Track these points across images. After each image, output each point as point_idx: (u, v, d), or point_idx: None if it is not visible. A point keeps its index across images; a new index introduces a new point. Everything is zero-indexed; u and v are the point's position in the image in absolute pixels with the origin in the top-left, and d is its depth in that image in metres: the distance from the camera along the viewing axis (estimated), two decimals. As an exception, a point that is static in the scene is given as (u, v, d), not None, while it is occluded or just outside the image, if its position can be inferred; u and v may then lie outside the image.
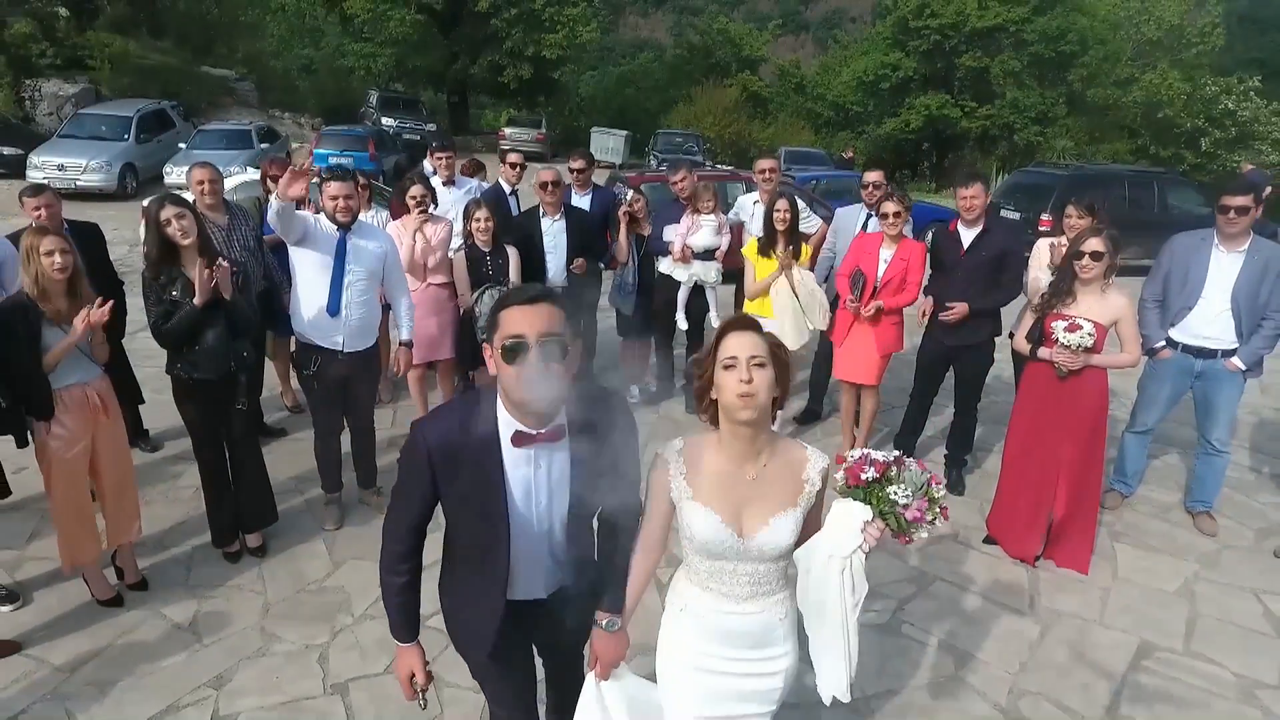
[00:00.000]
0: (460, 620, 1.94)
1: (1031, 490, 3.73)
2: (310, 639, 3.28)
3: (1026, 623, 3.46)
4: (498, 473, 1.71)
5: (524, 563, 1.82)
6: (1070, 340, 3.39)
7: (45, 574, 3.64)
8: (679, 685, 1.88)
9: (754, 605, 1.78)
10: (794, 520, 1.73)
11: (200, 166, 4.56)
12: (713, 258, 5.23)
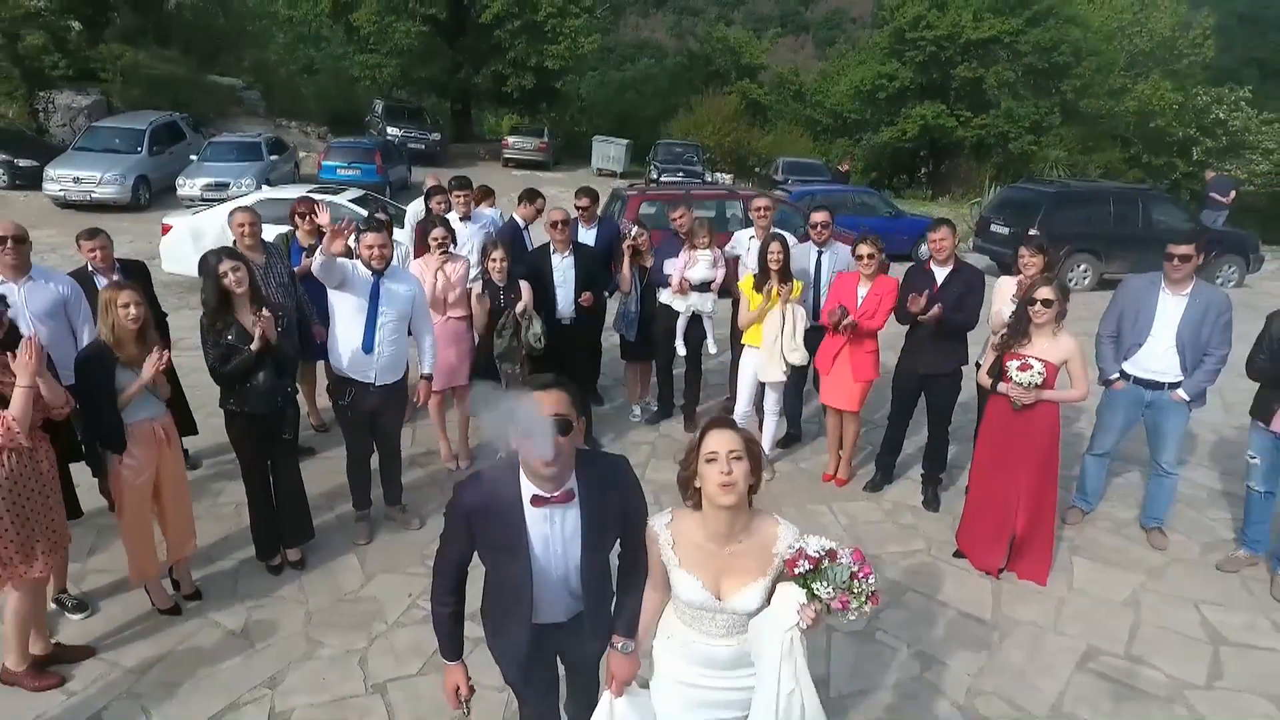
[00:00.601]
0: (497, 638, 2.36)
1: (994, 510, 4.14)
2: (350, 644, 3.70)
3: (987, 629, 3.88)
4: (520, 529, 2.11)
5: (545, 596, 2.23)
6: (1022, 379, 3.81)
7: (108, 585, 4.05)
8: (667, 696, 2.29)
9: (728, 640, 2.17)
10: (763, 587, 2.09)
11: (241, 211, 4.98)
12: (709, 289, 5.64)
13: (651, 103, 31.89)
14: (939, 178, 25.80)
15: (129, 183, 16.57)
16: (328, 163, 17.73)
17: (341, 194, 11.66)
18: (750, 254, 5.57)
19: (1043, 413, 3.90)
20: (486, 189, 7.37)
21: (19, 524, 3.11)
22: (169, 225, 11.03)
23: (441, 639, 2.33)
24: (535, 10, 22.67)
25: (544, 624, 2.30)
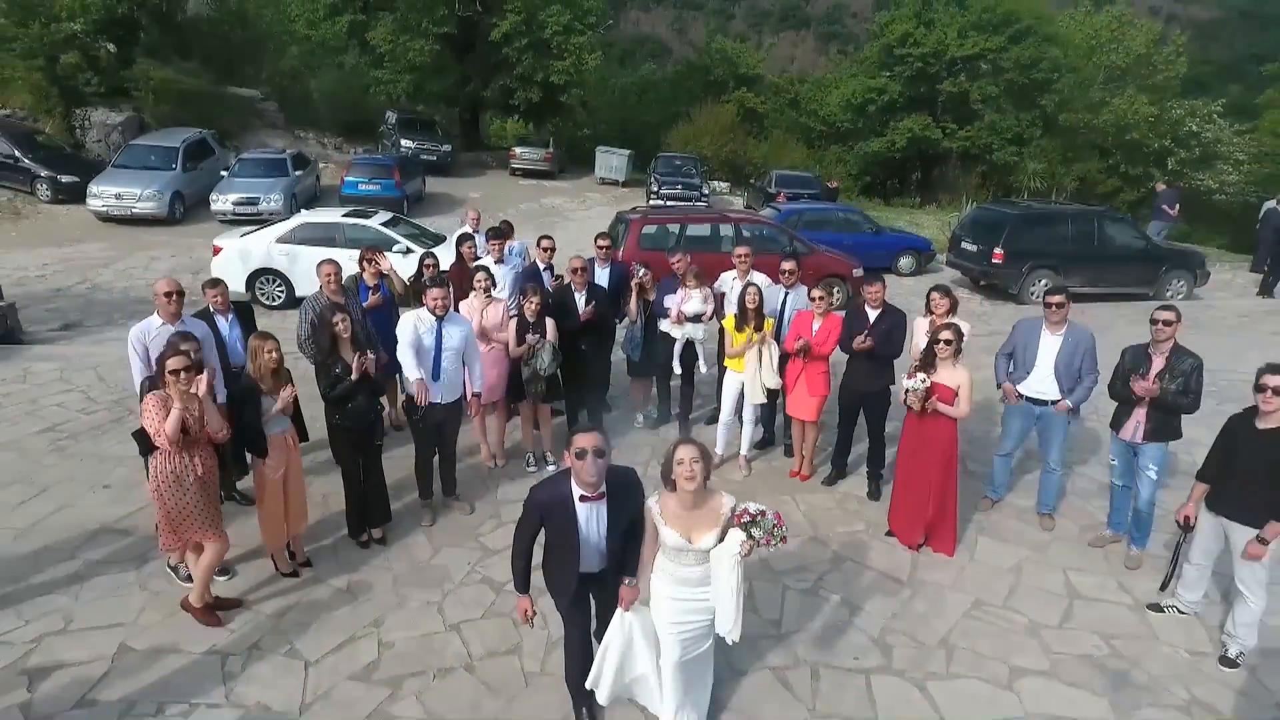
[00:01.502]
0: (554, 582, 3.69)
1: (912, 499, 5.43)
2: (428, 598, 5.00)
3: (902, 587, 5.17)
4: (573, 517, 3.45)
5: (585, 556, 3.56)
6: (907, 385, 5.09)
7: (240, 555, 5.33)
8: (659, 609, 3.59)
9: (696, 568, 3.48)
10: (716, 534, 3.42)
11: (327, 263, 6.21)
12: (700, 321, 6.91)
13: (653, 110, 33.06)
14: (927, 186, 27.05)
15: (166, 198, 17.81)
16: (350, 178, 18.90)
17: (373, 217, 12.95)
18: (733, 292, 6.82)
19: (942, 425, 5.17)
20: (509, 226, 8.53)
21: (208, 505, 4.42)
22: (219, 247, 12.32)
23: (517, 581, 3.66)
24: (542, 28, 23.84)
25: (584, 573, 3.61)
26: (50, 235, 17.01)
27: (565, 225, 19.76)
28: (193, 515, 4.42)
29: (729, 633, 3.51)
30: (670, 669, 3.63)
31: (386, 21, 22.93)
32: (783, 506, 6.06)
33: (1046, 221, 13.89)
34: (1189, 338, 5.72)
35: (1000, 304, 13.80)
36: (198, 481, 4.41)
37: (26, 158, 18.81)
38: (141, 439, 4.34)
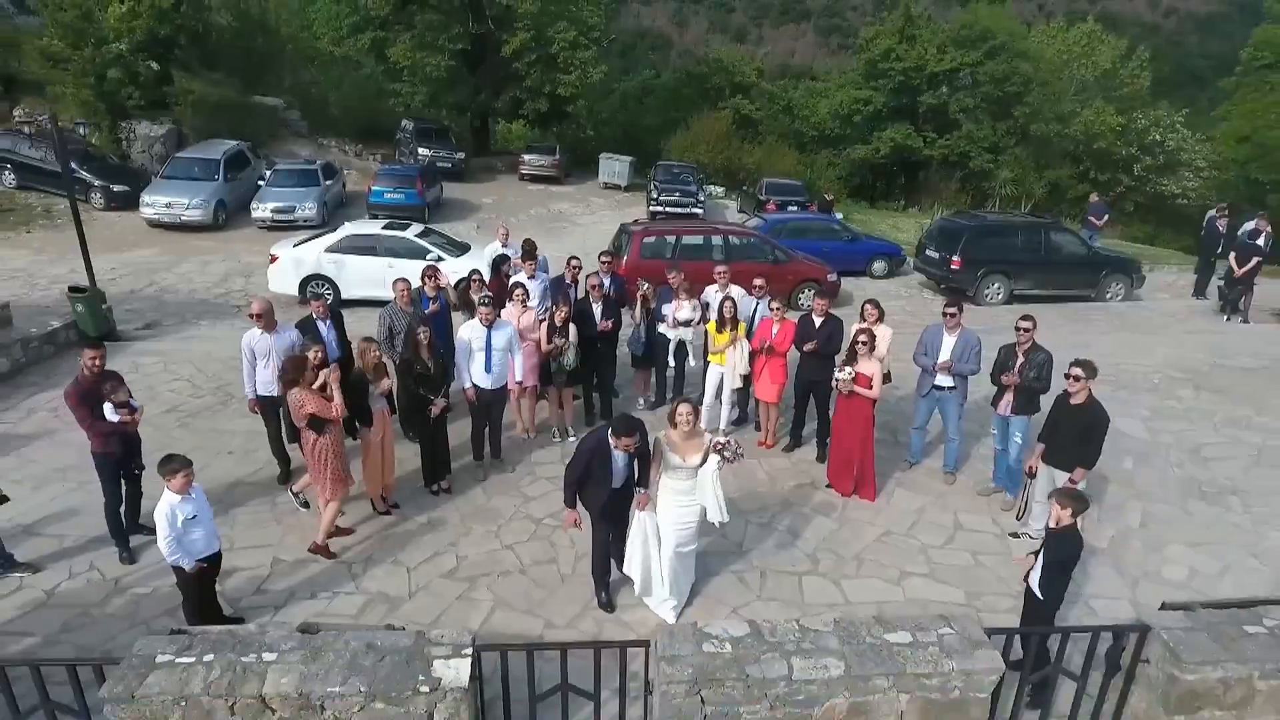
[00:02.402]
0: (590, 498, 5.56)
1: (843, 459, 7.30)
2: (488, 529, 6.88)
3: (834, 523, 7.04)
4: (609, 458, 5.37)
5: (615, 478, 5.45)
6: (838, 375, 6.95)
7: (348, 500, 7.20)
8: (662, 510, 5.48)
9: (686, 480, 5.36)
10: (700, 456, 5.31)
11: (401, 280, 8.06)
12: (689, 325, 8.75)
13: (653, 114, 34.75)
14: (910, 190, 28.84)
15: (211, 206, 19.64)
16: (376, 187, 20.62)
17: (408, 229, 14.78)
18: (714, 303, 8.65)
19: (862, 403, 7.03)
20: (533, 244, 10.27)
21: (339, 462, 6.29)
22: (276, 256, 14.15)
23: (567, 498, 5.58)
24: (550, 44, 25.58)
25: (613, 488, 5.49)
26: (108, 241, 18.77)
27: (572, 231, 21.54)
28: (342, 470, 6.30)
29: (719, 519, 5.41)
30: (668, 559, 5.51)
31: (406, 38, 24.64)
32: (750, 466, 7.95)
33: (999, 232, 15.72)
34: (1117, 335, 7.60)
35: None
36: (339, 446, 6.30)
37: (82, 169, 20.59)
38: (315, 423, 6.11)
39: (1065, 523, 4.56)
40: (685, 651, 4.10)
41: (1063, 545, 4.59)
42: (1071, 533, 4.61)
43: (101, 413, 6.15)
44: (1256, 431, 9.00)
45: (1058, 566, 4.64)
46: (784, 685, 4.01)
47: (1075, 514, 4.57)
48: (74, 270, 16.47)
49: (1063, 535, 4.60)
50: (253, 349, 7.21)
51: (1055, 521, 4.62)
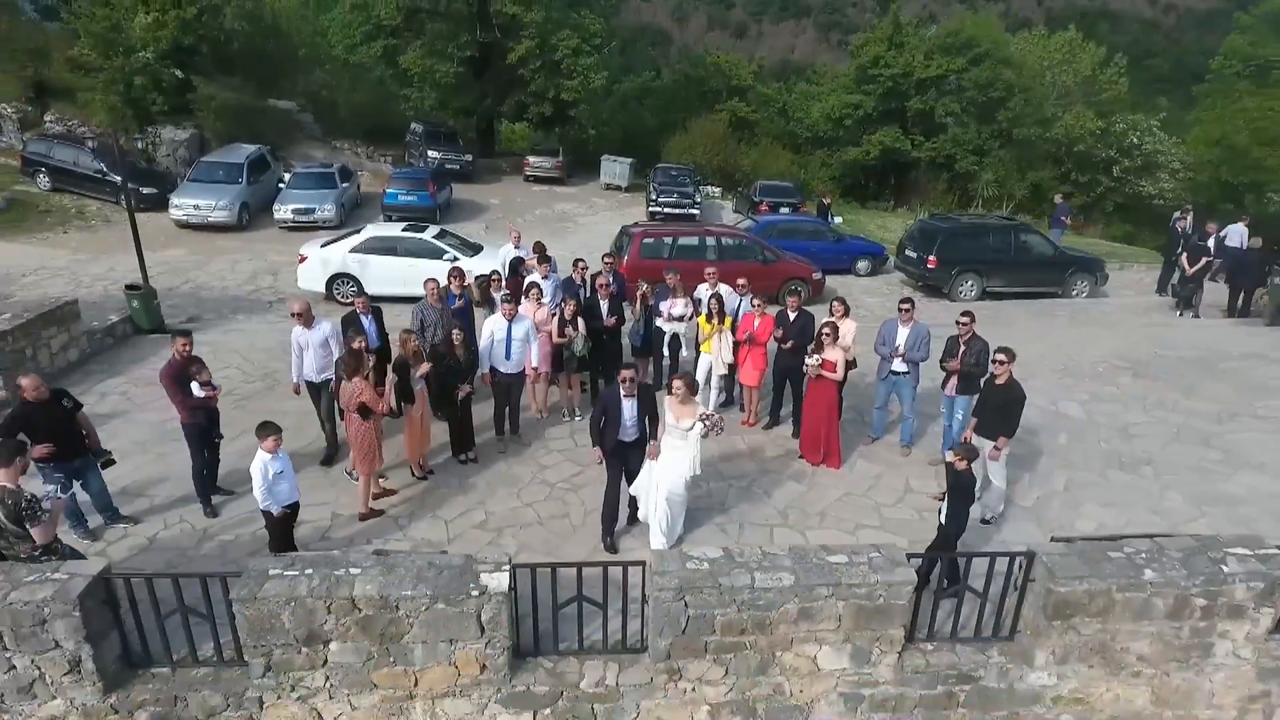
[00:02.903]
0: (606, 439, 6.86)
1: (811, 433, 8.55)
2: (510, 489, 8.13)
3: (803, 487, 8.29)
4: (618, 405, 6.69)
5: (624, 428, 6.77)
6: (808, 361, 8.19)
7: (389, 467, 8.45)
8: (662, 459, 6.76)
9: (680, 440, 6.64)
10: (691, 420, 6.59)
11: (430, 280, 9.28)
12: (683, 320, 9.99)
13: (652, 116, 35.90)
14: (900, 190, 30.04)
15: (235, 208, 20.83)
16: (391, 190, 21.78)
17: (425, 231, 16.00)
18: (704, 300, 9.88)
19: (828, 385, 8.27)
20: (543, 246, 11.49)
21: (376, 442, 7.53)
22: (304, 255, 15.35)
23: (593, 437, 6.93)
24: (553, 51, 26.75)
25: (621, 440, 6.79)
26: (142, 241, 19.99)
27: (575, 231, 22.73)
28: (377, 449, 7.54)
29: (693, 471, 6.77)
30: (664, 502, 6.76)
31: (416, 46, 25.80)
32: (732, 440, 9.20)
33: (972, 234, 16.94)
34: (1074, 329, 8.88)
35: (934, 300, 16.80)
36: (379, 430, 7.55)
37: (112, 172, 21.79)
38: (364, 410, 7.32)
39: (961, 467, 5.94)
40: (672, 568, 5.35)
41: (959, 478, 6.08)
42: (966, 471, 6.13)
43: (189, 390, 7.39)
44: (1180, 413, 10.24)
45: (957, 495, 6.08)
46: (748, 592, 5.26)
47: (967, 460, 6.13)
48: (112, 269, 17.75)
49: (959, 473, 6.03)
50: (297, 341, 8.43)
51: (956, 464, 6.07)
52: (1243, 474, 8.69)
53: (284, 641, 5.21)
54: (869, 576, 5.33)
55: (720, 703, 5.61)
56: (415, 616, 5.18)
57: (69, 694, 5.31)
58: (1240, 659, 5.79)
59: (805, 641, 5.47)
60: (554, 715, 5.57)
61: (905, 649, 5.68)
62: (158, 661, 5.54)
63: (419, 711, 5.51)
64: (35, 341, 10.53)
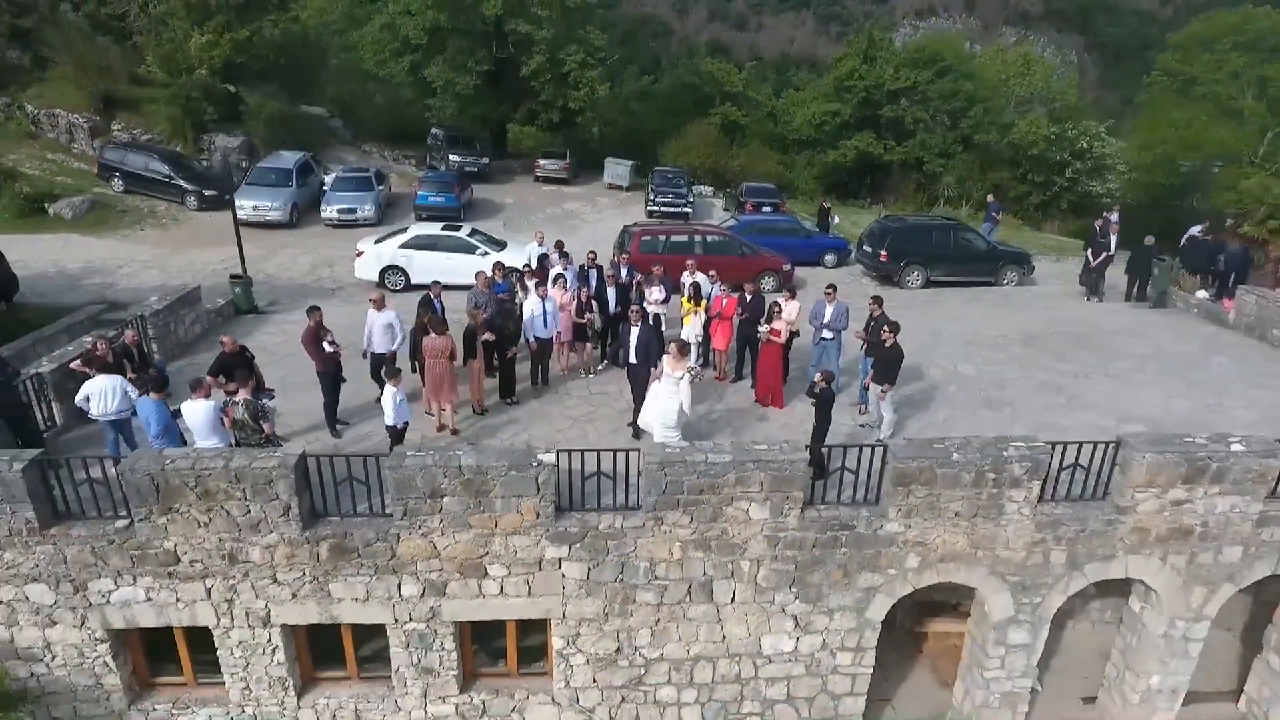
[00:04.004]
0: (620, 359, 10.35)
1: (764, 383, 11.78)
2: (544, 422, 11.37)
3: (757, 421, 11.53)
4: (627, 331, 10.37)
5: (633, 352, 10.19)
6: (760, 329, 11.42)
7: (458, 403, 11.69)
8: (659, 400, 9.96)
9: (670, 387, 9.81)
10: (682, 371, 9.76)
11: (481, 273, 12.48)
12: (662, 303, 13.16)
13: (651, 120, 38.95)
14: (875, 189, 33.16)
15: (288, 208, 24.01)
16: (421, 192, 24.90)
17: (461, 230, 19.18)
18: (686, 285, 13.08)
19: (774, 348, 11.48)
20: (560, 243, 14.69)
21: (453, 381, 10.77)
22: (361, 250, 18.53)
23: (612, 360, 10.54)
24: (561, 64, 29.81)
25: (629, 361, 10.11)
26: (206, 237, 23.17)
27: (582, 227, 25.89)
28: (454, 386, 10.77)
29: (686, 407, 9.86)
30: (660, 428, 9.92)
31: (439, 61, 28.85)
32: (706, 391, 12.43)
33: (918, 232, 20.12)
34: (992, 310, 12.08)
35: (888, 288, 19.96)
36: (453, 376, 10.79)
37: (178, 176, 24.98)
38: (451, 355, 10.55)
39: (820, 386, 9.24)
40: (656, 452, 8.58)
41: (822, 393, 9.65)
42: (825, 389, 9.67)
43: (322, 348, 10.61)
44: (1048, 372, 13.47)
45: (821, 404, 9.73)
46: (704, 466, 8.48)
47: (826, 381, 9.44)
48: (191, 262, 20.97)
49: (820, 390, 9.54)
50: (371, 321, 11.61)
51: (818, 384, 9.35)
52: (1077, 412, 11.92)
53: (416, 496, 8.42)
54: (779, 456, 8.56)
55: (687, 540, 8.84)
56: (497, 479, 8.39)
57: (280, 530, 8.54)
58: (1023, 515, 9.01)
59: (740, 500, 8.68)
60: (582, 548, 8.80)
61: (806, 507, 8.90)
62: (332, 512, 8.77)
63: (497, 544, 8.74)
64: (174, 318, 13.77)
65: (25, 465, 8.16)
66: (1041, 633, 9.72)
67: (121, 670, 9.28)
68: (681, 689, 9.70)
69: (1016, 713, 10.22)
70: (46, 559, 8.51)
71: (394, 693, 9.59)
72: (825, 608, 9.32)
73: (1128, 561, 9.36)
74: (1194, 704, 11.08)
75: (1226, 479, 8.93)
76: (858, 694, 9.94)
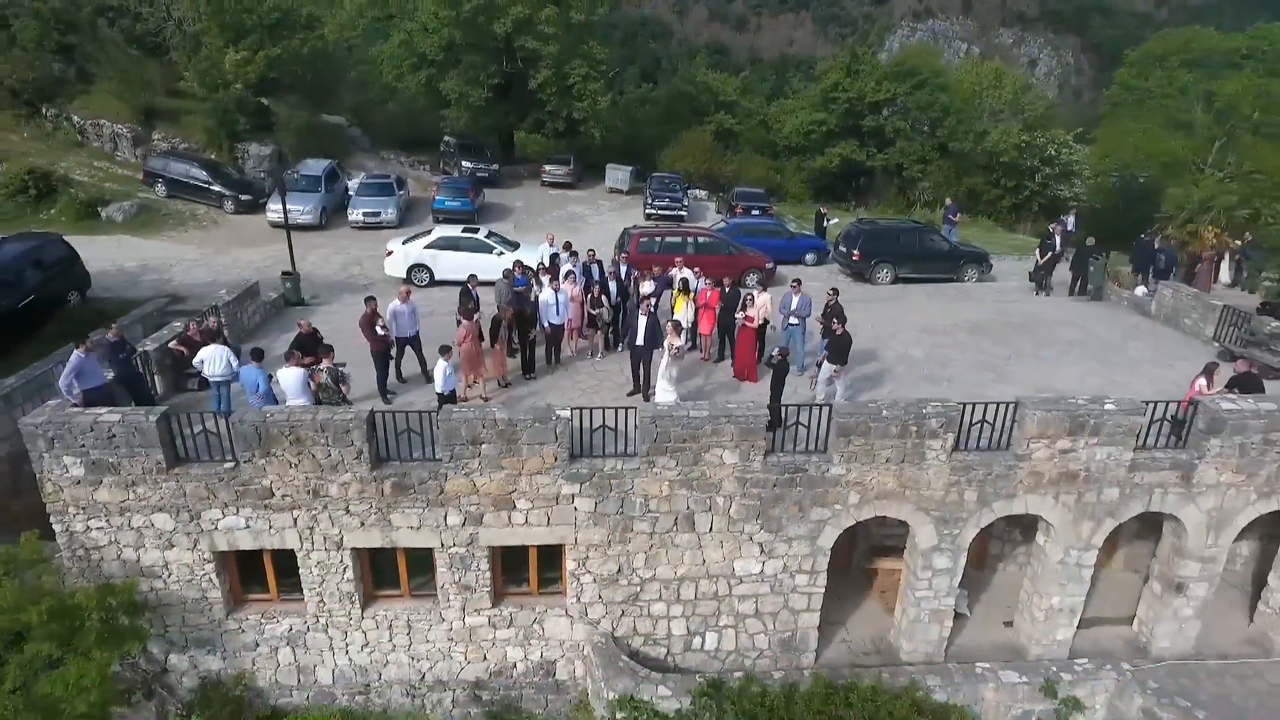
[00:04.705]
0: (629, 340, 12.65)
1: (740, 360, 14.12)
2: (559, 393, 13.73)
3: (733, 392, 13.86)
4: (635, 315, 12.65)
5: (638, 334, 12.55)
6: (737, 316, 13.76)
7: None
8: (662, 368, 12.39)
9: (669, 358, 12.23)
10: (677, 342, 12.21)
11: (505, 268, 14.82)
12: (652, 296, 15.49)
13: (650, 127, 41.26)
14: (859, 193, 35.48)
15: (318, 212, 26.33)
16: (439, 197, 27.19)
17: (479, 232, 21.50)
18: (677, 280, 15.41)
19: (748, 332, 13.80)
20: (569, 243, 17.03)
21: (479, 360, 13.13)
22: (391, 250, 20.86)
23: (622, 340, 12.82)
24: (566, 78, 32.13)
25: (635, 344, 12.49)
26: (245, 238, 25.50)
27: (586, 229, 28.17)
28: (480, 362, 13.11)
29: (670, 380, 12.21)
30: (660, 396, 12.28)
31: (453, 75, 31.17)
32: (694, 369, 14.77)
33: (887, 234, 22.44)
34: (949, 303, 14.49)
35: (860, 284, 22.24)
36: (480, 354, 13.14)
37: (216, 182, 27.32)
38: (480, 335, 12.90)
39: (778, 359, 11.60)
40: (649, 408, 10.93)
41: (778, 363, 11.79)
42: (780, 361, 11.89)
43: (376, 331, 12.95)
44: (986, 355, 15.79)
45: (777, 372, 11.91)
46: (687, 420, 10.81)
47: (781, 355, 11.69)
48: (235, 261, 23.29)
49: (777, 362, 11.74)
50: (394, 310, 13.90)
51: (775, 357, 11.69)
52: (1003, 386, 14.22)
53: (460, 443, 10.75)
54: (746, 413, 10.89)
55: (674, 480, 11.17)
56: (524, 430, 10.72)
57: (354, 470, 10.87)
58: (940, 461, 11.33)
59: (715, 447, 11.00)
60: (591, 486, 11.13)
61: (768, 454, 11.21)
62: (394, 457, 11.10)
63: (523, 482, 11.07)
64: (240, 309, 16.11)
65: (158, 418, 10.51)
66: (960, 559, 12.05)
67: (222, 586, 11.63)
68: (670, 604, 12.04)
69: (943, 626, 12.54)
70: (170, 493, 10.85)
71: (438, 606, 11.94)
72: (785, 536, 11.65)
73: (1027, 500, 11.69)
74: (1098, 626, 13.48)
75: (1102, 432, 11.25)
76: (813, 610, 12.26)
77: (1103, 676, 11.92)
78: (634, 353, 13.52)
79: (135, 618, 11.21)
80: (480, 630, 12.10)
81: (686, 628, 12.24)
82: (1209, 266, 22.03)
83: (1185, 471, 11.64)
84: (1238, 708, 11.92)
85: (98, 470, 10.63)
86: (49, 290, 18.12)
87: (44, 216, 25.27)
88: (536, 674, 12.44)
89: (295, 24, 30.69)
